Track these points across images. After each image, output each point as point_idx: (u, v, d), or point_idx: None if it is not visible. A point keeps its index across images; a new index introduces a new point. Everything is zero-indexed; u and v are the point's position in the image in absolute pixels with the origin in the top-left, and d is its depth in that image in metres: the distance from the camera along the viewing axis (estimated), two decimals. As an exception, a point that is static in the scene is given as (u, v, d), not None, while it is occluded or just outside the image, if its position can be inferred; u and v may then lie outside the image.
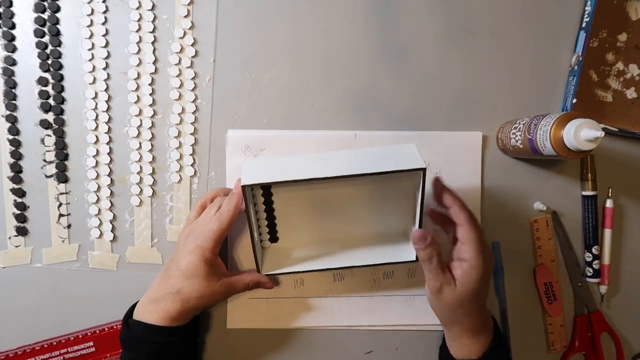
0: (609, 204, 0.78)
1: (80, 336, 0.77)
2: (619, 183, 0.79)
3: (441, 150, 0.77)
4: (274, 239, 0.75)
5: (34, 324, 0.77)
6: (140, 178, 0.76)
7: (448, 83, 0.77)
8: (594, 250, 0.78)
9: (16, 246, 0.75)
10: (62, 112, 0.74)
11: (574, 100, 0.74)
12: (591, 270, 0.78)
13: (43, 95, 0.73)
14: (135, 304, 0.71)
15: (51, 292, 0.77)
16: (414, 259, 0.68)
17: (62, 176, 0.74)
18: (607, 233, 0.78)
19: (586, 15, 0.76)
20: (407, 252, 0.70)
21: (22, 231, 0.75)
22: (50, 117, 0.74)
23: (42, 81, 0.73)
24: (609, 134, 0.77)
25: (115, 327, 0.77)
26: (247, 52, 0.76)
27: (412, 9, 0.76)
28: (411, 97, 0.77)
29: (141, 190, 0.76)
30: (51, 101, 0.73)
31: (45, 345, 0.76)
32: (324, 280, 0.78)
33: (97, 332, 0.77)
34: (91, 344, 0.77)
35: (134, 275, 0.77)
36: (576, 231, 0.80)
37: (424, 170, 0.62)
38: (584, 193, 0.78)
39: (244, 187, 0.63)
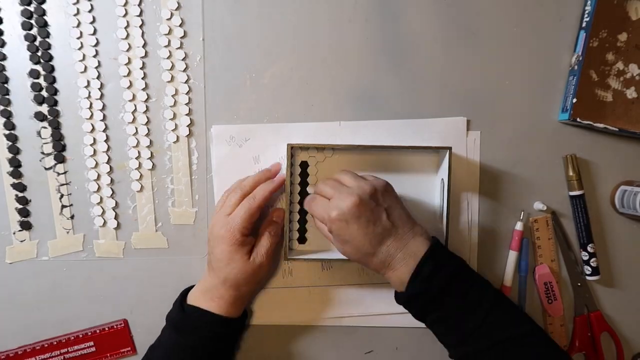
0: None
1: (81, 336, 0.77)
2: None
3: (428, 137, 0.77)
4: (302, 240, 0.78)
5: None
6: (139, 163, 0.75)
7: (448, 83, 0.77)
8: (589, 249, 0.78)
9: (21, 241, 0.75)
10: (55, 103, 0.74)
11: (574, 100, 0.74)
12: (589, 269, 0.78)
13: (35, 87, 0.73)
14: (187, 290, 0.73)
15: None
16: None
17: (61, 167, 0.74)
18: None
19: (586, 15, 0.76)
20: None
21: (26, 225, 0.75)
22: (44, 109, 0.74)
23: (34, 73, 0.73)
24: (609, 134, 0.78)
25: (115, 327, 0.77)
26: (247, 51, 0.76)
27: (412, 8, 0.76)
28: (412, 97, 0.77)
29: (141, 176, 0.76)
30: (44, 93, 0.74)
31: (46, 345, 0.76)
32: (313, 270, 0.78)
33: (98, 332, 0.77)
34: (91, 343, 0.77)
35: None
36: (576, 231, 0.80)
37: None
38: (571, 193, 0.78)
39: (289, 145, 0.72)
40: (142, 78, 0.75)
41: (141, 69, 0.75)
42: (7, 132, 0.73)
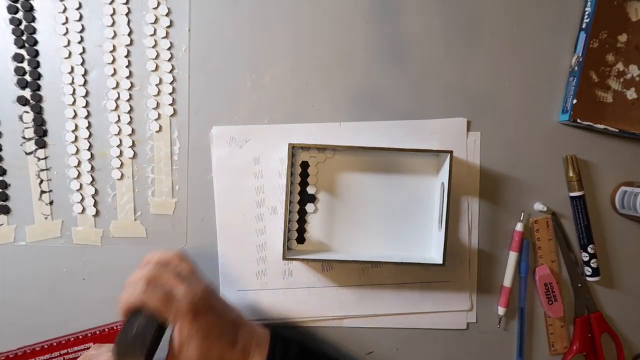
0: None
1: (80, 337, 0.76)
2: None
3: (428, 138, 0.76)
4: (301, 240, 0.77)
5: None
6: (121, 151, 0.75)
7: (448, 83, 0.77)
8: (589, 250, 0.76)
9: (-1, 224, 0.75)
10: (39, 87, 0.74)
11: (574, 101, 0.73)
12: (590, 270, 0.77)
13: (19, 71, 0.73)
14: None
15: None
16: (442, 262, 0.71)
17: (42, 152, 0.74)
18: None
19: (586, 16, 0.75)
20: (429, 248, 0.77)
21: (4, 209, 0.74)
22: (27, 93, 0.74)
23: (18, 57, 0.73)
24: (610, 135, 0.76)
25: (114, 327, 0.76)
26: (247, 52, 0.75)
27: (412, 9, 0.76)
28: (411, 98, 0.76)
29: (122, 164, 0.75)
30: (27, 77, 0.74)
31: (46, 346, 0.76)
32: (313, 271, 0.77)
33: (97, 332, 0.76)
34: (91, 344, 0.76)
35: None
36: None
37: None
38: (572, 194, 0.76)
39: (290, 144, 0.72)
40: (127, 66, 0.74)
41: (126, 57, 0.74)
42: (-12, 115, 0.74)
